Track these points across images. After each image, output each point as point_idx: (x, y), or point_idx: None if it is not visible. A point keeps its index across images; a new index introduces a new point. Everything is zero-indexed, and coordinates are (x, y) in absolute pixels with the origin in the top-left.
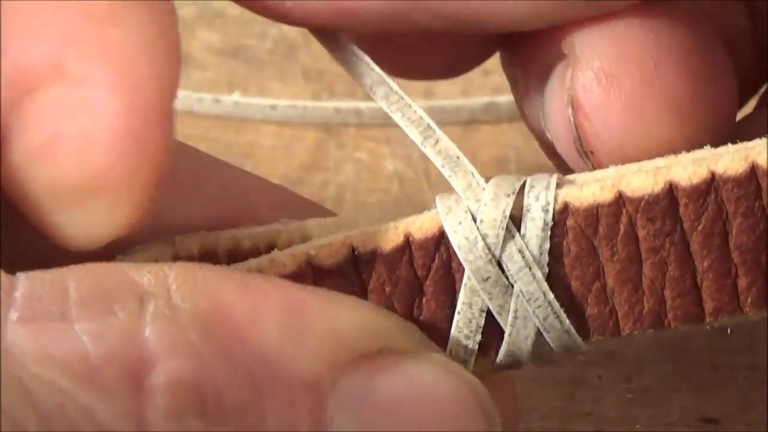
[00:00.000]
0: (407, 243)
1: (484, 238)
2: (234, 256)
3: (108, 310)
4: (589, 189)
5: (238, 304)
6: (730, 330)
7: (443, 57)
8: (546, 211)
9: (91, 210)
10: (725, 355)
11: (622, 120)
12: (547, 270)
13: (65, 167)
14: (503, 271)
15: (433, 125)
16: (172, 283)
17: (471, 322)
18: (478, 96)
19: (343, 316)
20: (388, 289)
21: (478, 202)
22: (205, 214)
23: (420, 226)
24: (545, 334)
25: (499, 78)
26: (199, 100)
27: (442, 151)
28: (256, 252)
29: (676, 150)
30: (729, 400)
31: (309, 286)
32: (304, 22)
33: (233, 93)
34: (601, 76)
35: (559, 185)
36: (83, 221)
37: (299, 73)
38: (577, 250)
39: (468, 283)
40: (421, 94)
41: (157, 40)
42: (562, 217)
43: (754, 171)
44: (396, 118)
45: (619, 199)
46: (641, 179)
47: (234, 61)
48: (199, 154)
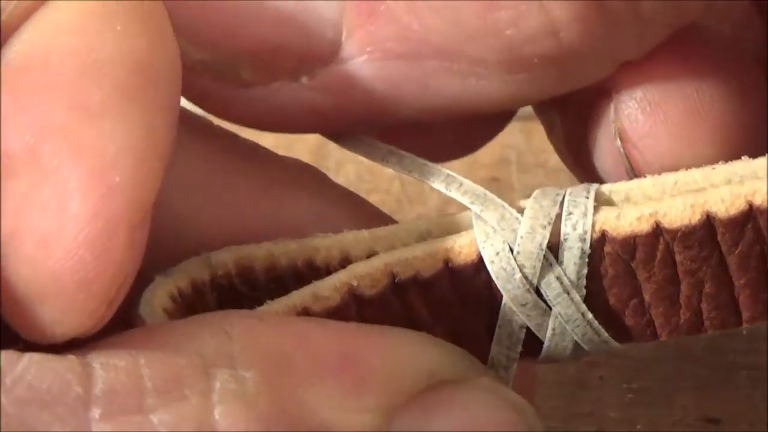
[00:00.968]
0: (447, 268)
1: (521, 268)
2: (271, 272)
3: (180, 395)
4: (626, 219)
5: (300, 363)
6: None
7: (456, 139)
8: (584, 240)
9: (47, 310)
10: (727, 355)
11: (669, 147)
12: (584, 292)
13: (24, 264)
14: (541, 296)
15: (453, 173)
16: (235, 347)
17: (511, 336)
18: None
19: (396, 358)
20: (429, 312)
21: (513, 232)
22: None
23: (459, 252)
24: (583, 345)
25: None
26: None
27: (468, 192)
28: (294, 269)
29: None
30: (730, 400)
31: (360, 328)
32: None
33: None
34: (645, 105)
35: (595, 207)
36: (40, 319)
37: None
38: (614, 272)
39: (506, 305)
40: None
41: (144, 140)
42: (599, 244)
43: None
44: (415, 177)
45: (657, 230)
46: (678, 211)
47: None
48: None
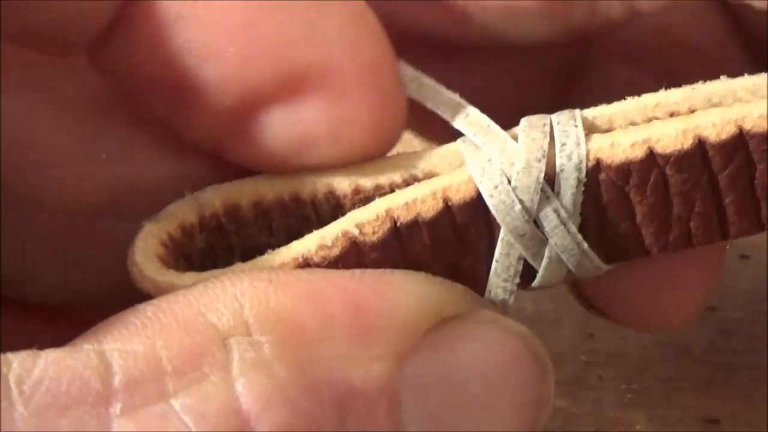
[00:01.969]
0: (447, 207)
1: (521, 201)
2: (258, 207)
3: (201, 374)
4: (620, 146)
5: (311, 323)
6: (730, 330)
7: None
8: (579, 170)
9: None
10: (726, 355)
11: None
12: (579, 220)
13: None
14: (539, 227)
15: (463, 102)
16: (249, 316)
17: (509, 269)
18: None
19: (401, 302)
20: (428, 251)
21: (512, 165)
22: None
23: (457, 189)
24: (575, 271)
25: None
26: None
27: (473, 122)
28: (280, 203)
29: None
30: (730, 401)
31: (365, 275)
32: None
33: None
34: None
35: (586, 135)
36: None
37: None
38: (608, 198)
39: (505, 237)
40: None
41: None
42: (594, 172)
43: None
44: (428, 104)
45: (650, 155)
46: (671, 137)
47: None
48: None
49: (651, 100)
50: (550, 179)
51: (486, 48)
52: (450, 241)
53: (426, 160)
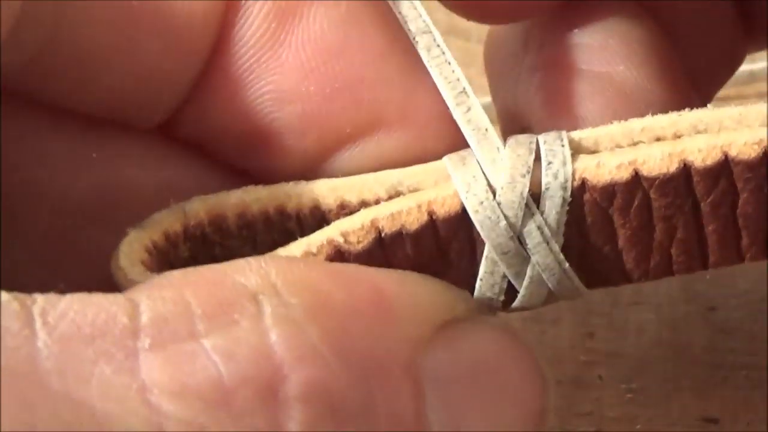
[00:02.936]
0: (431, 220)
1: (505, 216)
2: (242, 219)
3: (231, 320)
4: (606, 167)
5: (336, 294)
6: (730, 330)
7: None
8: (565, 188)
9: None
10: (725, 355)
11: None
12: (563, 240)
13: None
14: (522, 244)
15: (469, 90)
16: (276, 280)
17: (493, 287)
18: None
19: (419, 293)
20: (411, 264)
21: (498, 180)
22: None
23: (443, 203)
24: (556, 291)
25: None
26: None
27: (471, 121)
28: (265, 215)
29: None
30: (729, 400)
31: (380, 269)
32: None
33: None
34: None
35: (572, 155)
36: None
37: None
38: (591, 219)
39: (489, 255)
40: None
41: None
42: (579, 192)
43: (766, 156)
44: (433, 73)
45: (635, 177)
46: (657, 159)
47: None
48: None
49: (637, 125)
50: (536, 196)
51: None
52: (433, 255)
53: (412, 177)
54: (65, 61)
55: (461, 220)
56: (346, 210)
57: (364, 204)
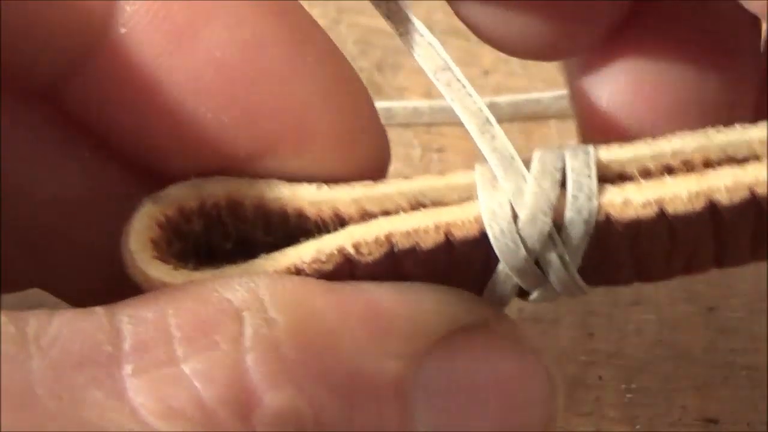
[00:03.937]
0: (447, 241)
1: (525, 245)
2: (259, 210)
3: (211, 342)
4: (632, 205)
5: (327, 311)
6: (730, 330)
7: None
8: (587, 223)
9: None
10: (726, 355)
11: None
12: (580, 263)
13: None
14: (540, 267)
15: (492, 120)
16: (264, 294)
17: (503, 298)
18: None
19: (418, 306)
20: (420, 274)
21: (522, 211)
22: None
23: (462, 226)
24: (562, 294)
25: (499, 78)
26: None
27: (497, 149)
28: (283, 213)
29: None
30: (730, 401)
31: (382, 283)
32: None
33: None
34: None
35: (599, 187)
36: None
37: None
38: (613, 246)
39: (503, 270)
40: (421, 93)
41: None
42: (602, 225)
43: None
44: (456, 108)
45: (661, 215)
46: (683, 199)
47: None
48: None
49: (667, 148)
50: (558, 225)
51: None
52: (444, 268)
53: (435, 191)
54: None
55: (479, 241)
56: (366, 218)
57: (385, 213)
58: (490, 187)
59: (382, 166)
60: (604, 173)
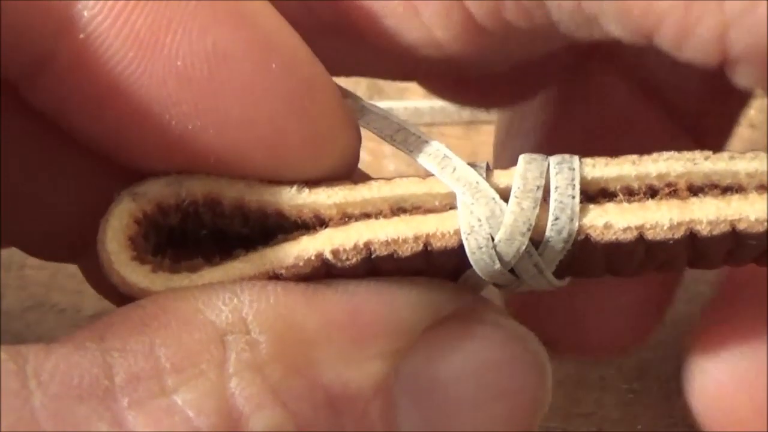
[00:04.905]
0: (425, 250)
1: (501, 260)
2: (238, 210)
3: (198, 371)
4: (612, 229)
5: (309, 320)
6: None
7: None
8: (566, 242)
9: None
10: None
11: None
12: (555, 268)
13: None
14: (515, 274)
15: (450, 153)
16: (248, 313)
17: (475, 289)
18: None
19: (399, 303)
20: (396, 270)
21: (499, 230)
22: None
23: (441, 237)
24: (534, 289)
25: None
26: None
27: (461, 179)
28: (262, 213)
29: None
30: None
31: (361, 282)
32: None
33: None
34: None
35: (581, 206)
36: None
37: None
38: (588, 255)
39: (479, 276)
40: (422, 94)
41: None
42: (581, 242)
43: None
44: (416, 158)
45: (640, 239)
46: (664, 228)
47: None
48: None
49: (652, 170)
50: (536, 242)
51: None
52: (419, 271)
53: (416, 197)
54: None
55: (456, 251)
56: (346, 219)
57: (365, 217)
58: (471, 201)
59: (353, 160)
60: (587, 188)
